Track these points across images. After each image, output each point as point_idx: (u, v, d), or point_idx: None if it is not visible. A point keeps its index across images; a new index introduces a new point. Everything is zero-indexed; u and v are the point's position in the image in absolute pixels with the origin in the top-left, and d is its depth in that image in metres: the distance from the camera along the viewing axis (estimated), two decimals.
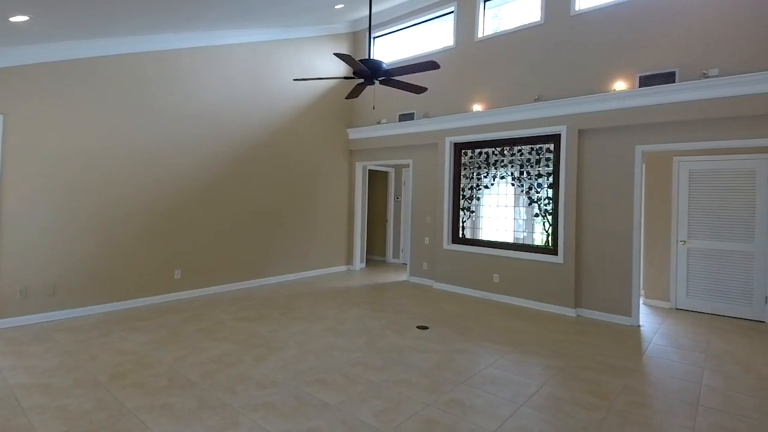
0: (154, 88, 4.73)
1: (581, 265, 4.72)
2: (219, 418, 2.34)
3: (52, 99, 4.04)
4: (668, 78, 4.10)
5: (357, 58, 3.87)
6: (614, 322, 4.44)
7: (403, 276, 6.78)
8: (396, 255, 8.38)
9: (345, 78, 3.83)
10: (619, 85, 4.42)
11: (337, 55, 3.14)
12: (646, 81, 4.22)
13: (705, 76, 3.94)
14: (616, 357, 3.44)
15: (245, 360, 3.18)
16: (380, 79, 3.82)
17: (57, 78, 4.06)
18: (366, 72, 3.66)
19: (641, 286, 5.23)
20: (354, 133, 7.10)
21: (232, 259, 5.53)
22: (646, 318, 4.58)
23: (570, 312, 4.70)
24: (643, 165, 5.18)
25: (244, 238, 5.67)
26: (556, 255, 4.83)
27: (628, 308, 4.37)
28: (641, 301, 5.17)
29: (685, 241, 4.91)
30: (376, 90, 6.80)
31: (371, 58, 3.90)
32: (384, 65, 3.70)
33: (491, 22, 5.75)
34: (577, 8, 4.82)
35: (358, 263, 7.33)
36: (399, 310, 4.73)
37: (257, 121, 5.78)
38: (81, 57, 4.19)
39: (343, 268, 7.21)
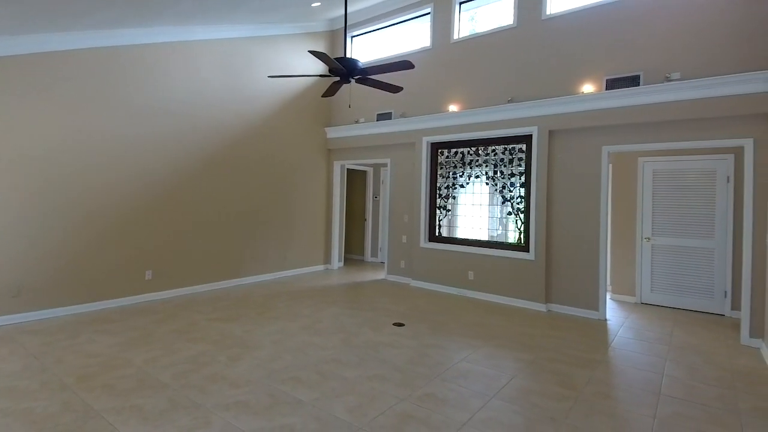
0: (125, 84, 4.62)
1: (551, 262, 4.86)
2: (190, 418, 2.32)
3: (15, 93, 3.88)
4: (633, 81, 4.27)
5: (334, 57, 3.88)
6: (582, 316, 4.60)
7: (381, 275, 6.82)
8: (374, 254, 8.41)
9: (321, 76, 3.83)
10: (587, 87, 4.58)
11: (311, 52, 3.14)
12: (612, 84, 4.39)
13: (668, 79, 4.12)
14: (584, 350, 3.56)
15: (219, 360, 3.15)
16: (356, 77, 3.84)
17: (21, 72, 3.91)
18: (341, 70, 3.67)
19: (608, 282, 5.45)
20: (332, 132, 7.10)
21: (206, 259, 5.44)
22: (612, 312, 4.76)
23: (541, 307, 4.83)
24: (610, 165, 5.39)
25: (220, 238, 5.59)
26: (528, 252, 4.97)
27: (595, 303, 4.54)
28: (608, 296, 5.39)
29: (649, 238, 5.13)
30: (352, 89, 6.81)
31: (347, 56, 3.92)
32: (359, 64, 3.72)
33: (468, 25, 5.85)
34: (548, 13, 4.96)
35: (337, 262, 7.32)
36: (376, 307, 4.76)
37: (233, 118, 5.71)
38: (46, 50, 4.05)
39: (321, 267, 7.19)
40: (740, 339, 3.84)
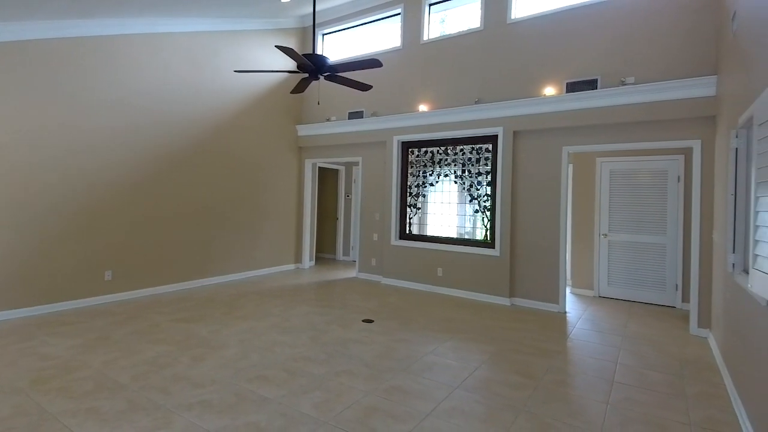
0: (85, 76, 4.43)
1: (516, 258, 5.03)
2: (150, 419, 2.26)
3: None
4: (591, 85, 4.48)
5: (303, 53, 3.85)
6: (544, 309, 4.78)
7: (352, 273, 6.83)
8: (346, 252, 8.41)
9: (288, 72, 3.81)
10: (549, 90, 4.76)
11: (278, 47, 3.13)
12: (572, 87, 4.58)
13: (623, 83, 4.34)
14: (544, 341, 3.71)
15: (182, 361, 3.08)
16: (325, 74, 3.85)
17: None
18: (309, 66, 3.67)
19: (569, 277, 5.69)
20: (303, 130, 7.05)
21: (170, 258, 5.29)
22: (572, 305, 4.98)
23: (505, 301, 4.99)
24: (570, 165, 5.63)
25: (185, 237, 5.45)
26: (494, 248, 5.11)
27: (556, 297, 4.73)
28: (568, 290, 5.63)
29: (606, 235, 5.39)
30: (323, 86, 6.80)
31: (316, 53, 3.92)
32: (328, 60, 3.73)
33: (438, 27, 5.95)
34: (512, 17, 5.12)
35: (308, 261, 7.28)
36: (346, 305, 4.77)
37: (200, 114, 5.58)
38: (3, 40, 3.84)
39: (291, 266, 7.13)
40: (689, 329, 4.09)
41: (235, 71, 3.82)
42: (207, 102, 5.67)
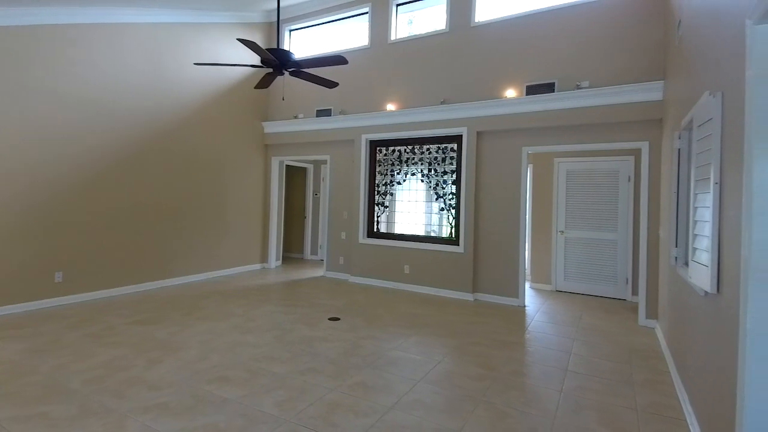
0: (35, 66, 4.18)
1: (479, 254, 5.17)
2: (102, 424, 2.18)
3: None
4: (549, 88, 4.66)
5: (267, 48, 3.79)
6: (505, 303, 4.95)
7: (319, 272, 6.80)
8: (314, 251, 8.36)
9: (252, 66, 3.75)
10: (510, 92, 4.92)
11: (240, 40, 3.08)
12: (531, 90, 4.76)
13: (578, 87, 4.55)
14: (504, 333, 3.85)
15: (137, 364, 2.98)
16: (290, 70, 3.82)
17: None
18: (273, 61, 3.63)
19: (528, 272, 5.91)
20: (269, 127, 6.94)
21: (127, 259, 5.08)
22: (531, 299, 5.18)
23: (468, 297, 5.13)
24: (530, 165, 5.84)
25: (143, 236, 5.25)
26: (458, 245, 5.24)
27: (516, 291, 4.91)
28: (527, 285, 5.86)
29: (563, 232, 5.64)
30: (290, 83, 6.72)
31: (280, 48, 3.88)
32: (292, 56, 3.70)
33: (406, 27, 6.01)
34: (476, 21, 5.25)
35: (274, 261, 7.18)
36: (312, 304, 4.75)
37: (160, 108, 5.38)
38: None
39: (257, 266, 7.01)
40: (638, 320, 4.35)
41: (195, 64, 3.73)
42: (168, 96, 5.48)
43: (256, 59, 6.33)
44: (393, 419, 2.31)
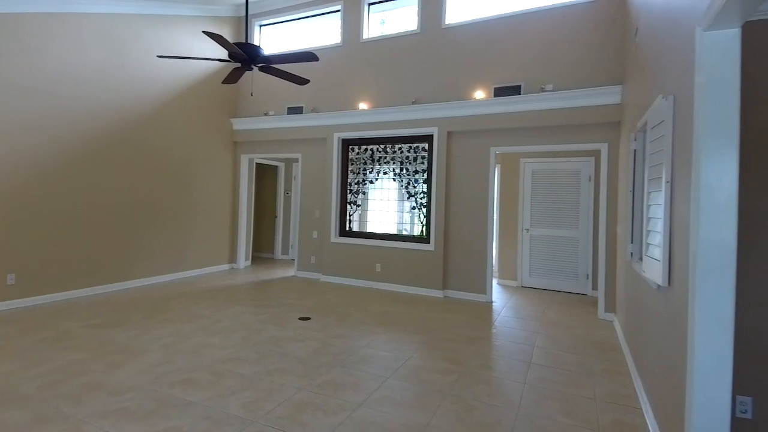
0: None
1: (449, 252, 5.26)
2: (59, 430, 2.08)
3: None
4: (515, 90, 4.79)
5: (235, 42, 3.70)
6: (473, 300, 5.07)
7: (290, 272, 6.72)
8: (285, 251, 8.24)
9: (219, 60, 3.66)
10: (479, 94, 5.02)
11: (206, 33, 3.00)
12: (499, 92, 4.88)
13: (543, 90, 4.70)
14: (472, 329, 3.94)
15: (96, 368, 2.86)
16: (259, 65, 3.75)
17: None
18: (241, 55, 3.55)
19: (495, 269, 6.07)
20: (238, 124, 6.79)
21: (86, 259, 4.85)
22: (498, 295, 5.33)
23: (438, 294, 5.21)
24: (498, 165, 5.99)
25: (104, 236, 5.02)
26: (429, 244, 5.30)
27: (483, 287, 5.03)
28: (495, 281, 6.02)
29: (528, 230, 5.83)
30: (261, 79, 6.59)
31: (249, 42, 3.80)
32: (261, 51, 3.64)
33: (379, 27, 6.01)
34: (446, 23, 5.32)
35: (243, 261, 7.03)
36: (282, 304, 4.69)
37: (122, 103, 5.16)
38: None
39: (225, 266, 6.84)
40: (597, 314, 4.54)
41: (158, 56, 3.60)
42: (130, 90, 5.26)
43: (223, 53, 6.18)
44: (362, 416, 2.32)
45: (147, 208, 5.52)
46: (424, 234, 5.45)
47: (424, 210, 5.47)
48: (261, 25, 6.88)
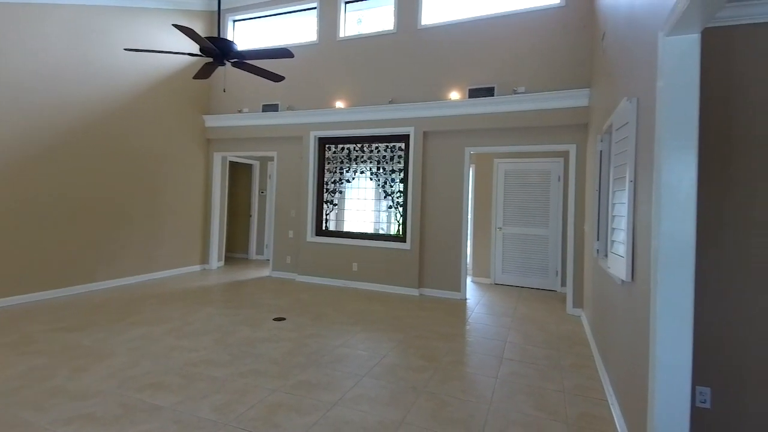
0: None
1: (424, 251, 5.31)
2: None
3: None
4: (489, 92, 4.88)
5: (207, 36, 3.60)
6: (448, 297, 5.14)
7: (265, 272, 6.61)
8: (260, 251, 8.11)
9: (190, 55, 3.56)
10: (454, 94, 5.09)
11: (176, 26, 2.92)
12: (473, 93, 4.96)
13: (515, 92, 4.81)
14: (446, 326, 3.99)
15: (59, 373, 2.73)
16: (232, 60, 3.67)
17: None
18: (213, 50, 3.47)
19: (469, 266, 6.18)
20: (211, 121, 6.62)
21: (49, 261, 4.62)
22: (472, 292, 5.44)
23: (414, 292, 5.25)
24: (472, 165, 6.09)
25: (68, 236, 4.79)
26: (405, 242, 5.34)
27: (458, 285, 5.11)
28: (469, 279, 6.13)
29: (501, 228, 5.97)
30: (235, 75, 6.46)
31: (221, 36, 3.72)
32: (234, 46, 3.57)
33: (356, 27, 5.99)
34: (422, 23, 5.36)
35: (216, 262, 6.87)
36: (257, 305, 4.61)
37: (88, 97, 4.93)
38: None
39: (197, 267, 6.66)
40: (566, 309, 4.68)
41: (125, 49, 3.47)
42: (97, 84, 5.04)
43: (195, 48, 6.02)
44: (337, 415, 2.31)
45: (114, 206, 5.31)
46: (401, 233, 5.48)
47: (401, 209, 5.50)
48: (234, 21, 6.74)
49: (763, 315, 1.99)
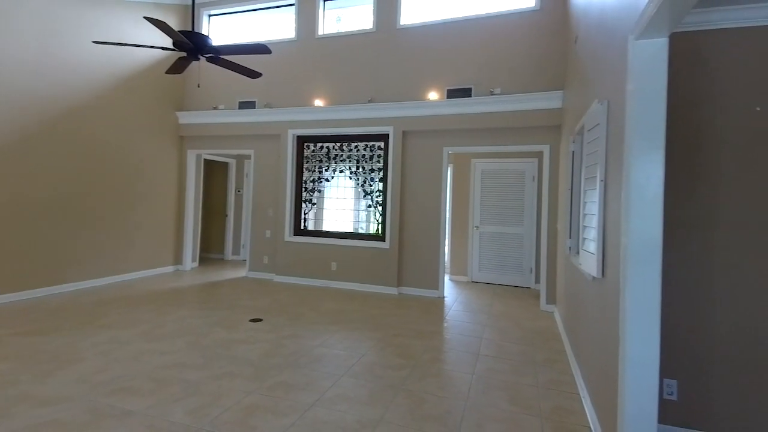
0: None
1: (403, 249, 5.33)
2: None
3: None
4: (466, 93, 4.95)
5: (181, 30, 3.50)
6: (426, 296, 5.18)
7: (242, 272, 6.50)
8: (236, 252, 7.96)
9: (163, 49, 3.46)
10: (433, 95, 5.13)
11: (148, 19, 2.82)
12: (451, 93, 5.01)
13: (491, 93, 4.88)
14: (424, 324, 4.03)
15: (24, 378, 2.61)
16: (207, 55, 3.59)
17: None
18: (187, 44, 3.38)
19: (447, 265, 6.25)
20: (185, 118, 6.44)
21: (12, 261, 4.39)
22: (449, 290, 5.50)
23: (393, 291, 5.27)
24: (450, 165, 6.16)
25: (32, 236, 4.57)
26: (384, 241, 5.35)
27: (436, 283, 5.17)
28: (447, 277, 6.20)
29: (478, 227, 6.07)
30: (210, 71, 6.31)
31: (195, 31, 3.63)
32: (209, 40, 3.49)
33: (335, 25, 5.94)
34: (401, 23, 5.38)
35: (189, 262, 6.70)
36: (233, 306, 4.53)
37: (55, 91, 4.71)
38: None
39: (170, 268, 6.48)
40: (540, 306, 4.79)
41: (94, 42, 3.35)
42: (64, 78, 4.82)
43: (168, 42, 5.85)
44: (314, 416, 2.30)
45: (83, 204, 5.10)
46: (380, 232, 5.49)
47: (380, 208, 5.50)
48: (210, 15, 6.58)
49: (726, 311, 2.09)
